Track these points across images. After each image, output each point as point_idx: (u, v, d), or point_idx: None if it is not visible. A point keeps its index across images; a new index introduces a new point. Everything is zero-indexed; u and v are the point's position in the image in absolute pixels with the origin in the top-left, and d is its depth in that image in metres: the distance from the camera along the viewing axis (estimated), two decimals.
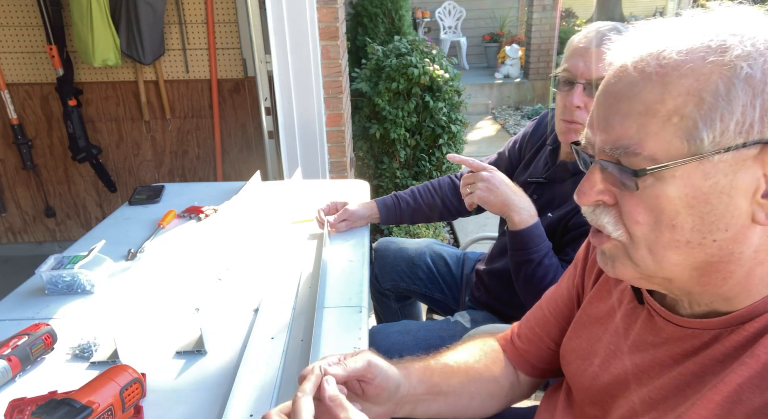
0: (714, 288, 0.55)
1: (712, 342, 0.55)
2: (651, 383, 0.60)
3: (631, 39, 0.54)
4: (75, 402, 0.75)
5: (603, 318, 0.72)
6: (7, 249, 3.13)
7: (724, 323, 0.54)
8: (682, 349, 0.58)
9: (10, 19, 2.65)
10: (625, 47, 0.54)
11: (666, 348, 0.60)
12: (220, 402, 0.85)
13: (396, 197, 1.54)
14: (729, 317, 0.54)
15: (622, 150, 0.51)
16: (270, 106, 2.43)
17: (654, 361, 0.61)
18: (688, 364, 0.56)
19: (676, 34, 0.51)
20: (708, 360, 0.55)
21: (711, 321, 0.55)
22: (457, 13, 8.09)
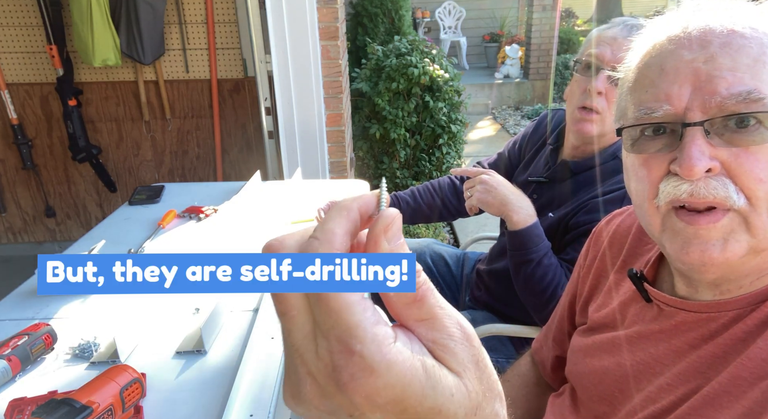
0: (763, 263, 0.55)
1: (732, 323, 0.56)
2: (668, 371, 0.61)
3: (687, 10, 0.55)
4: (75, 402, 0.75)
5: (610, 322, 0.73)
6: (7, 249, 3.13)
7: (745, 302, 0.55)
8: (699, 334, 0.59)
9: (10, 19, 2.65)
10: (688, 15, 0.54)
11: (681, 337, 0.61)
12: (220, 402, 0.85)
13: (396, 197, 1.54)
14: (750, 295, 0.55)
15: (743, 96, 0.50)
16: (270, 106, 2.43)
17: (669, 350, 0.62)
18: (707, 347, 0.57)
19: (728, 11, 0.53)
20: (730, 341, 0.55)
21: (731, 301, 0.56)
22: (457, 13, 8.09)
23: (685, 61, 0.53)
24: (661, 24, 0.57)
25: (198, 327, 1.03)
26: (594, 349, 0.74)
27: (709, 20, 0.52)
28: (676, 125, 0.54)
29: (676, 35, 0.54)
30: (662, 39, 0.56)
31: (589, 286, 0.82)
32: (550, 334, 0.92)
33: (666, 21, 0.57)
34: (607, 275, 0.78)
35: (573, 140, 1.27)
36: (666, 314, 0.63)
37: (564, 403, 0.81)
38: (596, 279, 0.80)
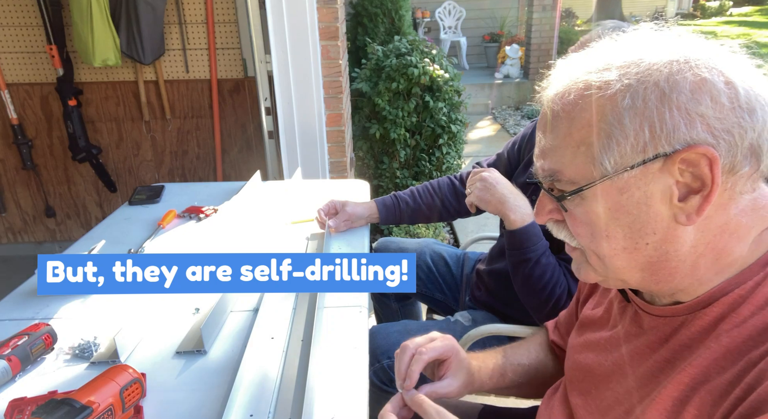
0: (666, 284, 0.59)
1: (680, 328, 0.59)
2: (633, 372, 0.64)
3: (550, 79, 0.61)
4: (75, 402, 0.75)
5: (600, 321, 0.75)
6: (7, 249, 3.13)
7: (687, 309, 0.58)
8: (656, 337, 0.62)
9: (10, 19, 2.65)
10: (547, 89, 0.61)
11: (645, 338, 0.64)
12: (220, 402, 0.85)
13: (395, 197, 1.54)
14: (691, 303, 0.58)
15: (550, 177, 0.60)
16: (270, 106, 2.43)
17: (636, 351, 0.64)
18: (662, 351, 0.60)
19: (575, 73, 0.57)
20: (677, 346, 0.59)
21: (677, 307, 0.60)
22: (457, 13, 8.09)
23: (539, 136, 0.62)
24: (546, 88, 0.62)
25: (198, 327, 1.03)
26: (582, 346, 0.76)
27: (553, 91, 0.59)
28: (538, 180, 0.65)
29: (545, 104, 0.61)
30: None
31: (589, 284, 0.84)
32: (558, 323, 0.97)
33: (547, 87, 0.61)
34: None
35: None
36: (638, 316, 0.66)
37: (556, 396, 0.83)
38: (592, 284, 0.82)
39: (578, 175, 0.57)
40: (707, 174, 0.51)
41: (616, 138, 0.53)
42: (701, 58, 0.52)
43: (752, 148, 0.51)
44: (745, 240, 0.55)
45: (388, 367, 1.32)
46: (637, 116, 0.52)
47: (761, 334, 0.51)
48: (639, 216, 0.55)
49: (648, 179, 0.54)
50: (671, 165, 0.52)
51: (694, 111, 0.51)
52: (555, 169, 0.58)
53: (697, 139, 0.51)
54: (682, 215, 0.54)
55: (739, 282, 0.55)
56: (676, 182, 0.53)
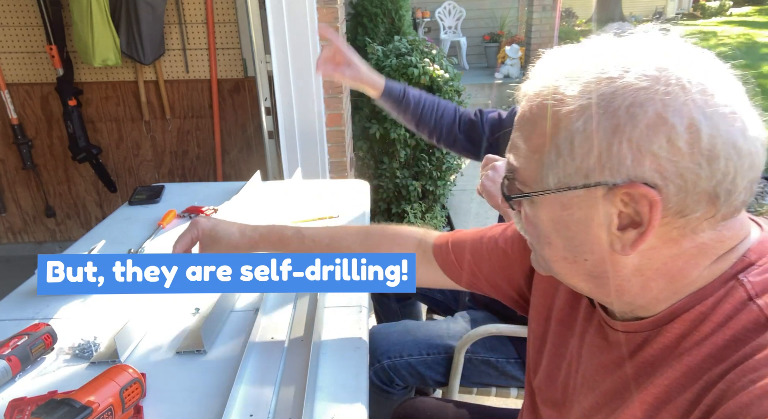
0: (617, 300, 0.58)
1: (643, 344, 0.57)
2: (598, 387, 0.62)
3: (532, 73, 0.59)
4: (75, 402, 0.75)
5: (568, 322, 0.73)
6: (7, 249, 3.13)
7: (650, 325, 0.57)
8: (621, 353, 0.60)
9: (10, 19, 2.65)
10: (526, 82, 0.60)
11: (609, 353, 0.62)
12: (220, 402, 0.85)
13: (404, 93, 1.47)
14: (653, 319, 0.56)
15: (511, 173, 0.59)
16: (270, 106, 2.43)
17: (600, 366, 0.63)
18: (625, 368, 0.59)
19: (550, 75, 0.55)
20: (641, 363, 0.57)
21: (639, 323, 0.58)
22: (457, 13, 8.09)
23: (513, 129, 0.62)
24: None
25: (198, 327, 1.03)
26: (557, 355, 0.74)
27: (528, 91, 0.58)
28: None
29: (520, 99, 0.60)
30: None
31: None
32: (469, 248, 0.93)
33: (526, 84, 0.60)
34: None
35: None
36: (603, 329, 0.64)
37: (524, 403, 0.82)
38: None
39: (530, 180, 0.56)
40: (646, 213, 0.49)
41: (564, 157, 0.52)
42: (679, 90, 0.48)
43: (707, 194, 0.49)
44: (704, 264, 0.53)
45: (388, 367, 1.32)
46: (587, 141, 0.50)
47: (721, 352, 0.50)
48: (578, 234, 0.55)
49: (590, 203, 0.52)
50: (613, 196, 0.51)
51: (646, 148, 0.48)
52: (515, 166, 0.58)
53: (642, 177, 0.49)
54: (618, 244, 0.53)
55: (700, 298, 0.53)
56: (619, 212, 0.51)
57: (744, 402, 0.45)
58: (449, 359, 1.34)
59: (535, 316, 0.79)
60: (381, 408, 1.35)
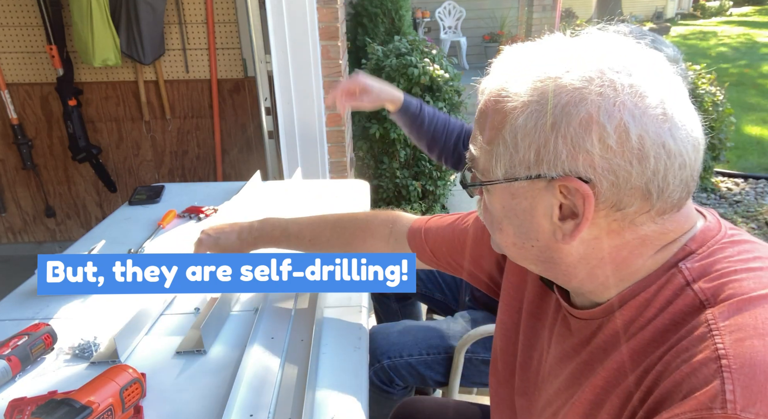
0: (567, 284, 0.62)
1: (597, 331, 0.60)
2: (561, 374, 0.65)
3: (492, 67, 0.61)
4: (75, 402, 0.75)
5: (538, 314, 0.75)
6: (7, 249, 3.13)
7: (602, 312, 0.59)
8: (579, 340, 0.63)
9: (10, 19, 2.65)
10: (486, 77, 0.62)
11: (570, 340, 0.64)
12: (220, 402, 0.85)
13: (420, 109, 1.50)
14: (603, 306, 0.59)
15: (470, 161, 0.62)
16: (270, 106, 2.43)
17: (563, 353, 0.65)
18: (583, 354, 0.61)
19: (504, 70, 0.58)
20: (595, 349, 0.60)
21: (593, 311, 0.60)
22: (457, 13, 8.09)
23: None
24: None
25: (198, 327, 1.03)
26: (529, 346, 0.75)
27: (485, 86, 0.60)
28: None
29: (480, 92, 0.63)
30: None
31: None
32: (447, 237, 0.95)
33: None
34: None
35: None
36: (566, 318, 0.66)
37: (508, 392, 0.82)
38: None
39: (485, 169, 0.59)
40: (581, 206, 0.53)
41: (509, 149, 0.55)
42: (611, 91, 0.50)
43: (640, 190, 0.52)
44: (648, 254, 0.56)
45: (388, 367, 1.32)
46: (527, 137, 0.53)
47: (661, 335, 0.52)
48: (525, 222, 0.58)
49: (534, 193, 0.55)
50: (553, 188, 0.54)
51: (580, 145, 0.51)
52: (474, 156, 0.61)
53: (577, 172, 0.52)
54: (560, 233, 0.56)
55: (644, 286, 0.56)
56: (560, 203, 0.54)
57: (676, 381, 0.48)
58: (449, 359, 1.34)
59: (506, 308, 0.81)
60: (381, 408, 1.35)
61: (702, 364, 0.46)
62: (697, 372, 0.46)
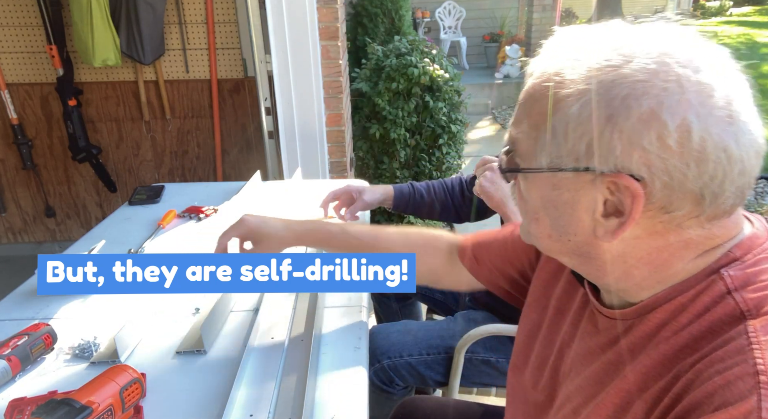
0: (600, 279, 0.60)
1: (625, 332, 0.58)
2: (583, 371, 0.63)
3: (543, 49, 0.59)
4: (75, 402, 0.75)
5: (563, 310, 0.74)
6: (7, 249, 3.13)
7: (633, 313, 0.57)
8: (606, 339, 0.61)
9: (10, 19, 2.65)
10: (535, 58, 0.59)
11: (596, 338, 0.63)
12: (220, 402, 0.85)
13: (412, 186, 1.52)
14: (636, 307, 0.57)
15: (511, 145, 0.59)
16: (270, 106, 2.43)
17: (588, 350, 0.64)
18: (608, 354, 0.60)
19: (558, 54, 0.55)
20: (623, 350, 0.58)
21: (624, 311, 0.59)
22: (457, 13, 8.09)
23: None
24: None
25: (198, 327, 1.03)
26: (551, 340, 0.74)
27: (535, 68, 0.58)
28: None
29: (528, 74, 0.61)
30: None
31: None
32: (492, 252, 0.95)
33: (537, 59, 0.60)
34: None
35: None
36: (594, 316, 0.65)
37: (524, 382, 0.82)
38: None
39: (526, 155, 0.57)
40: (629, 205, 0.50)
41: (558, 138, 0.53)
42: (676, 87, 0.47)
43: (693, 194, 0.49)
44: (689, 258, 0.54)
45: (388, 367, 1.32)
46: (580, 127, 0.51)
47: (695, 342, 0.51)
48: (564, 215, 0.56)
49: (578, 186, 0.53)
50: (600, 183, 0.51)
51: (637, 142, 0.48)
52: (515, 139, 0.58)
53: (629, 169, 0.49)
54: (601, 230, 0.53)
55: (682, 290, 0.54)
56: (605, 199, 0.52)
57: (708, 392, 0.46)
58: (449, 359, 1.34)
59: (534, 304, 0.79)
60: (381, 408, 1.35)
61: (738, 378, 0.44)
62: (732, 385, 0.44)
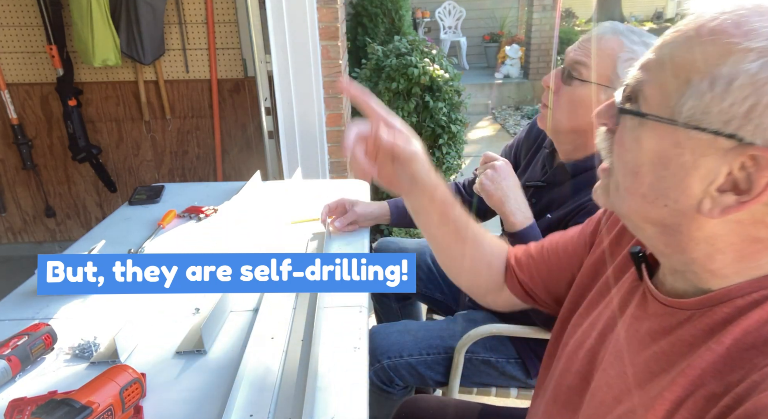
0: (677, 255, 0.56)
1: (685, 322, 0.55)
2: (628, 358, 0.61)
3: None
4: (75, 402, 0.75)
5: (607, 295, 0.72)
6: (7, 249, 3.13)
7: (697, 304, 0.54)
8: (660, 327, 0.58)
9: (10, 19, 2.65)
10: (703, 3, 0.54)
11: (648, 325, 0.60)
12: (220, 402, 0.85)
13: None
14: (702, 298, 0.54)
15: (635, 87, 0.54)
16: (270, 106, 2.43)
17: (636, 337, 0.61)
18: (662, 343, 0.57)
19: (739, 4, 0.49)
20: (678, 341, 0.55)
21: (687, 301, 0.56)
22: (457, 13, 8.09)
23: (650, 50, 0.57)
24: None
25: (198, 327, 1.03)
26: (589, 324, 0.72)
27: (710, 8, 0.52)
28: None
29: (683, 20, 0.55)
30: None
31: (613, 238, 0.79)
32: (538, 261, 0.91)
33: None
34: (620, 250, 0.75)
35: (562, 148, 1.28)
36: (645, 299, 0.62)
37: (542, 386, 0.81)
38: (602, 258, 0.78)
39: (657, 99, 0.51)
40: (760, 186, 0.45)
41: (714, 92, 0.46)
42: None
43: None
44: None
45: (388, 367, 1.32)
46: (750, 87, 0.44)
47: (766, 344, 0.48)
48: (673, 177, 0.50)
49: (707, 151, 0.47)
50: (738, 153, 0.46)
51: None
52: (645, 80, 0.52)
53: None
54: (708, 204, 0.48)
55: (758, 286, 0.50)
56: (729, 172, 0.47)
57: (765, 404, 0.43)
58: (449, 359, 1.34)
59: (575, 293, 0.78)
60: (381, 408, 1.35)
61: None
62: None
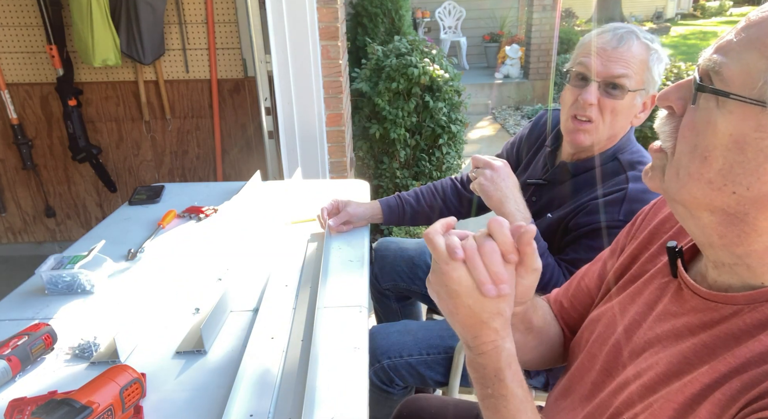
0: (732, 246, 0.54)
1: (731, 316, 0.55)
2: (663, 351, 0.60)
3: None
4: (75, 402, 0.75)
5: (632, 289, 0.72)
6: (7, 249, 3.13)
7: (746, 299, 0.54)
8: (700, 321, 0.58)
9: (10, 19, 2.65)
10: None
11: (685, 319, 0.60)
12: (220, 402, 0.85)
13: (399, 198, 1.55)
14: (753, 293, 0.54)
15: (713, 67, 0.51)
16: (270, 106, 2.43)
17: (671, 331, 0.61)
18: (702, 336, 0.56)
19: None
20: (723, 334, 0.54)
21: (734, 296, 0.55)
22: (457, 13, 8.09)
23: (731, 32, 0.55)
24: None
25: (198, 327, 1.03)
26: (614, 320, 0.72)
27: None
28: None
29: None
30: None
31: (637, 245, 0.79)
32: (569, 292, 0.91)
33: None
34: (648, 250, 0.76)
35: (568, 148, 1.27)
36: (681, 295, 0.62)
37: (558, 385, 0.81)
38: (635, 254, 0.78)
39: (739, 81, 0.49)
40: None
41: None
42: None
43: None
44: None
45: (388, 367, 1.32)
46: None
47: None
48: (749, 162, 0.49)
49: None
50: None
51: None
52: (723, 62, 0.50)
53: None
54: None
55: None
56: None
57: None
58: (449, 359, 1.34)
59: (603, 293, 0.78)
60: (381, 408, 1.35)
61: None
62: None
